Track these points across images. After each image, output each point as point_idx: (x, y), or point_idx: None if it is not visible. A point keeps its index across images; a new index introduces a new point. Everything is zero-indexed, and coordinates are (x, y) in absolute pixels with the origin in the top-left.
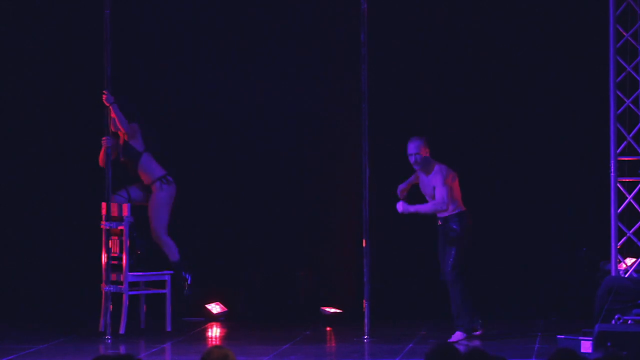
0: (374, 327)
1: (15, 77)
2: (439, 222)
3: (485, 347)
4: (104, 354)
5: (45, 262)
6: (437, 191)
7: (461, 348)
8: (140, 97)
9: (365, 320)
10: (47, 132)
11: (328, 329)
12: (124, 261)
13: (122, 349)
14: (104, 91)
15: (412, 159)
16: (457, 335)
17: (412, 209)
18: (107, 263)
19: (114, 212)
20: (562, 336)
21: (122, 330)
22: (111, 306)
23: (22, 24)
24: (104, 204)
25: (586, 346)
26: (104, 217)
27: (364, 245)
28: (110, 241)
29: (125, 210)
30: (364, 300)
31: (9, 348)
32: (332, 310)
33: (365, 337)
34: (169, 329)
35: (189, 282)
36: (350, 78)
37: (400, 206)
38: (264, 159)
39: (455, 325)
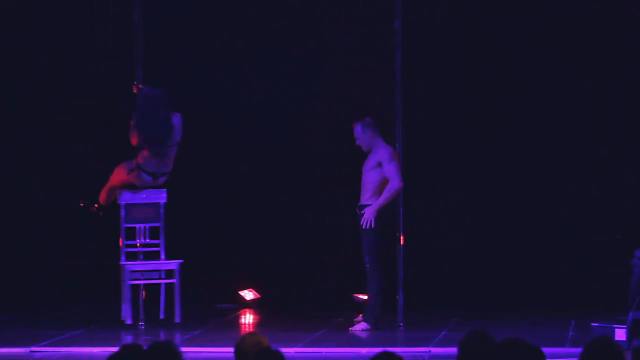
0: (407, 314)
1: (14, 77)
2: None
3: (518, 335)
4: (135, 341)
5: (68, 249)
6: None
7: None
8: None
9: (399, 308)
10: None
11: (360, 316)
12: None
13: (161, 335)
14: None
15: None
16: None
17: (376, 206)
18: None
19: None
20: (596, 324)
21: (161, 315)
22: (144, 293)
23: (22, 24)
24: None
25: (620, 334)
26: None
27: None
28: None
29: None
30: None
31: (43, 334)
32: (365, 297)
33: (399, 324)
34: (177, 320)
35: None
36: (346, 75)
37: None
38: (262, 157)
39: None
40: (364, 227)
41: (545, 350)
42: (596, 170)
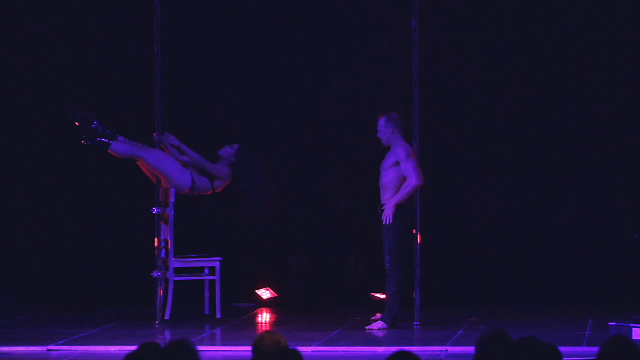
0: (423, 313)
1: (14, 77)
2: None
3: (535, 335)
4: (153, 340)
5: (100, 247)
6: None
7: None
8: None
9: (416, 307)
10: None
11: (378, 315)
12: (169, 246)
13: (167, 335)
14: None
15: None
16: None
17: (393, 201)
18: (158, 248)
19: (162, 197)
20: (614, 323)
21: (167, 316)
22: (161, 291)
23: (23, 24)
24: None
25: (638, 333)
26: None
27: (414, 232)
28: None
29: (171, 196)
30: (414, 287)
31: (60, 333)
32: (383, 296)
33: (416, 323)
34: (218, 315)
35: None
36: (346, 74)
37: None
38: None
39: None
40: (384, 222)
41: (562, 349)
42: (597, 170)
